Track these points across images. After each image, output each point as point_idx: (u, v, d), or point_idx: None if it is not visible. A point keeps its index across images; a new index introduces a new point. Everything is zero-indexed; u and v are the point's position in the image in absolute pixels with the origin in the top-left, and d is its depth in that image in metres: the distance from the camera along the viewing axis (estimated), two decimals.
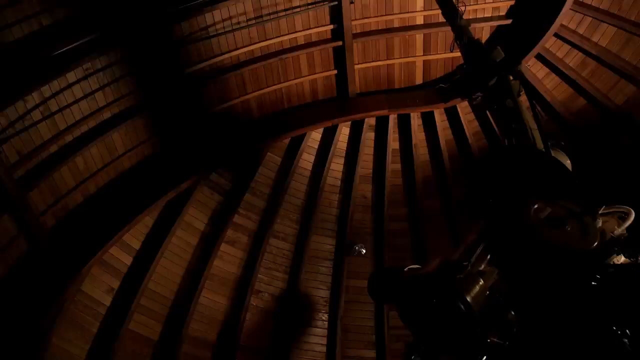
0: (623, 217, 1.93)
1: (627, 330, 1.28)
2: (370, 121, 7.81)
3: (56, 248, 5.89)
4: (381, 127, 7.83)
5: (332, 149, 7.72)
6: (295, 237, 7.71)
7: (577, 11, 6.60)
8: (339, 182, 7.94)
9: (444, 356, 1.41)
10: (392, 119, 7.71)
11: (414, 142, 7.77)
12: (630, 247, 1.89)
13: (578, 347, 1.27)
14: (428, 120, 7.77)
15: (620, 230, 1.86)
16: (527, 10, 6.87)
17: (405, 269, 2.92)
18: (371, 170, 7.99)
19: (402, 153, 7.96)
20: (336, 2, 6.64)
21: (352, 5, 6.71)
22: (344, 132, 7.87)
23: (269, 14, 6.55)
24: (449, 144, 7.84)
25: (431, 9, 6.96)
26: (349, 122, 7.80)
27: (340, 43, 7.08)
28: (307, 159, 7.80)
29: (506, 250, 1.57)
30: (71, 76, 5.53)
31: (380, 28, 7.18)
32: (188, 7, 6.02)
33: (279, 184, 7.62)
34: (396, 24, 7.17)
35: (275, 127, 7.40)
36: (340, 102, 7.63)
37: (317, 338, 7.54)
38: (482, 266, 1.52)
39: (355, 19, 6.94)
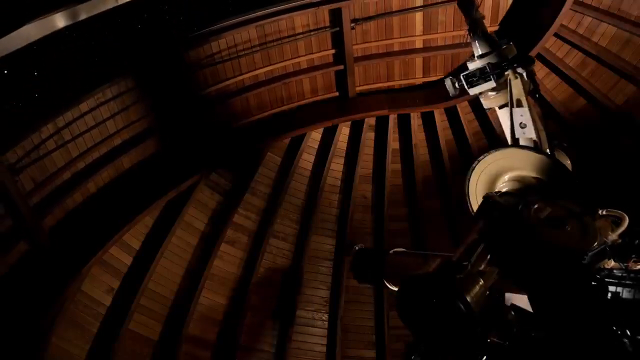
0: (617, 222, 1.91)
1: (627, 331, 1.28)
2: (370, 121, 7.81)
3: (56, 248, 5.89)
4: (381, 127, 7.83)
5: (332, 149, 7.72)
6: (295, 237, 7.71)
7: (577, 11, 6.60)
8: (339, 182, 7.94)
9: (444, 356, 1.41)
10: (392, 119, 7.71)
11: (414, 142, 7.77)
12: (620, 252, 1.86)
13: (578, 347, 1.27)
14: (428, 120, 7.77)
15: (614, 236, 1.83)
16: (526, 10, 6.88)
17: (391, 252, 2.93)
18: (371, 170, 7.99)
19: (402, 153, 7.96)
20: (338, 29, 6.88)
21: (353, 30, 6.91)
22: (344, 132, 7.87)
23: (273, 41, 6.78)
24: (449, 144, 7.84)
25: (430, 33, 7.20)
26: (349, 122, 7.80)
27: (341, 67, 7.27)
28: (307, 159, 7.81)
29: (506, 250, 1.57)
30: (84, 106, 5.80)
31: (380, 52, 7.38)
32: (195, 37, 6.33)
33: (279, 184, 7.61)
34: (396, 48, 7.37)
35: (275, 127, 7.41)
36: (340, 102, 7.63)
37: (317, 338, 7.54)
38: (482, 266, 1.52)
39: (357, 43, 7.14)
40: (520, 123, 2.43)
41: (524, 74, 2.56)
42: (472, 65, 2.77)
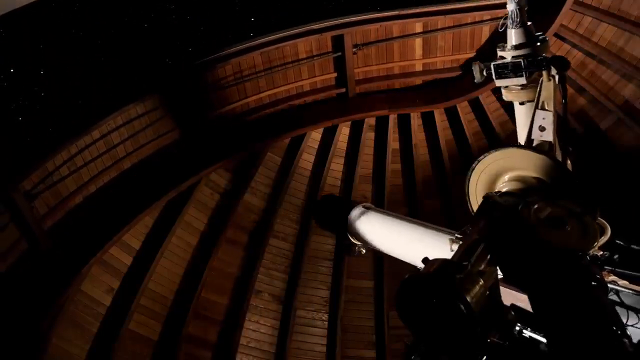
0: (601, 232, 1.83)
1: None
2: (370, 121, 7.81)
3: (56, 248, 5.89)
4: (381, 127, 7.83)
5: (332, 149, 7.72)
6: (295, 237, 7.71)
7: (577, 11, 6.60)
8: (339, 182, 7.94)
9: (444, 356, 1.41)
10: (392, 119, 7.71)
11: (414, 142, 7.77)
12: (599, 264, 1.82)
13: (578, 347, 1.27)
14: (428, 120, 7.77)
15: (594, 249, 1.77)
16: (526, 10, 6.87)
17: (362, 205, 2.88)
18: (371, 170, 7.99)
19: (402, 153, 7.96)
20: (340, 53, 7.11)
21: (355, 55, 7.14)
22: (344, 132, 7.87)
23: (277, 66, 7.00)
24: (449, 144, 7.84)
25: (429, 57, 7.43)
26: (349, 122, 7.80)
27: (343, 90, 7.46)
28: (307, 159, 7.80)
29: (506, 251, 1.57)
30: (95, 134, 6.04)
31: (381, 75, 7.57)
32: (202, 63, 6.57)
33: (279, 184, 7.61)
34: (396, 71, 7.58)
35: (275, 127, 7.41)
36: (340, 102, 7.64)
37: (317, 338, 7.54)
38: (482, 266, 1.52)
39: (358, 67, 7.34)
40: (540, 126, 2.34)
41: (557, 77, 2.44)
42: (506, 54, 2.61)
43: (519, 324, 1.47)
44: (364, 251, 8.05)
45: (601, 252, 1.77)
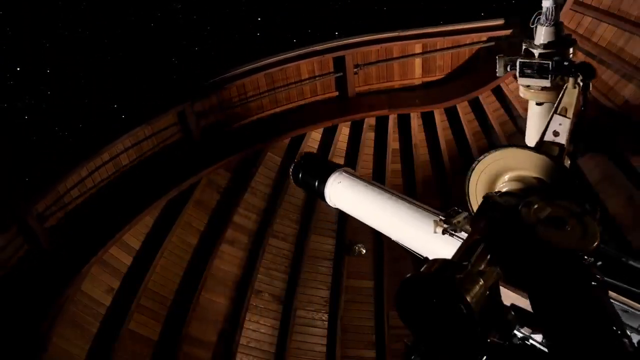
0: None
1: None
2: (370, 121, 7.81)
3: (56, 248, 5.90)
4: (381, 127, 7.83)
5: (332, 149, 7.72)
6: (295, 237, 7.71)
7: (577, 11, 6.60)
8: None
9: (444, 356, 1.42)
10: (392, 119, 7.71)
11: (414, 142, 7.77)
12: None
13: (578, 347, 1.27)
14: (428, 120, 7.77)
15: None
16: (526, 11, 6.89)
17: (342, 169, 2.81)
18: (371, 170, 7.99)
19: (402, 153, 7.96)
20: (341, 74, 7.31)
21: (356, 75, 7.35)
22: (344, 132, 7.87)
23: (281, 87, 7.21)
24: (449, 144, 7.84)
25: (428, 75, 7.63)
26: (349, 122, 7.80)
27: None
28: None
29: (506, 251, 1.57)
30: (105, 156, 6.27)
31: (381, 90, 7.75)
32: (209, 85, 6.82)
33: (279, 184, 7.61)
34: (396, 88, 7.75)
35: (275, 127, 7.42)
36: (340, 102, 7.65)
37: (317, 338, 7.54)
38: (482, 266, 1.52)
39: (359, 86, 7.52)
40: (554, 131, 2.29)
41: (581, 85, 2.35)
42: (535, 51, 2.51)
43: (522, 331, 1.47)
44: (364, 251, 8.01)
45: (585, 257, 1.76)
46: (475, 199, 2.19)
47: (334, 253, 7.79)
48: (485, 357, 1.35)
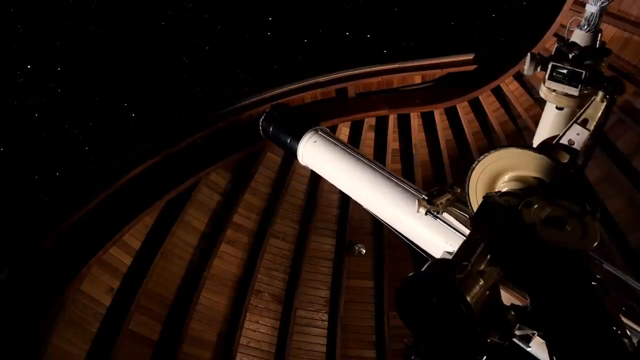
0: None
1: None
2: (370, 121, 7.82)
3: (56, 248, 5.89)
4: (381, 127, 7.83)
5: None
6: (295, 237, 7.71)
7: (577, 11, 6.60)
8: None
9: (444, 356, 1.41)
10: (392, 119, 7.72)
11: (414, 142, 7.77)
12: None
13: (578, 347, 1.28)
14: (428, 120, 7.78)
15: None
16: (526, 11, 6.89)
17: (318, 128, 2.74)
18: None
19: (402, 153, 7.96)
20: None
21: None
22: (344, 132, 7.87)
23: None
24: (449, 144, 7.85)
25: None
26: (349, 122, 7.80)
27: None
28: None
29: (506, 251, 1.57)
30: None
31: None
32: (219, 116, 7.06)
33: (279, 184, 7.61)
34: None
35: None
36: (340, 102, 7.65)
37: (317, 338, 7.54)
38: (482, 266, 1.52)
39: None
40: (570, 139, 2.26)
41: (608, 100, 2.28)
42: (569, 55, 2.41)
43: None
44: (364, 251, 8.01)
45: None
46: (475, 199, 2.19)
47: (334, 253, 7.79)
48: (485, 357, 1.35)
